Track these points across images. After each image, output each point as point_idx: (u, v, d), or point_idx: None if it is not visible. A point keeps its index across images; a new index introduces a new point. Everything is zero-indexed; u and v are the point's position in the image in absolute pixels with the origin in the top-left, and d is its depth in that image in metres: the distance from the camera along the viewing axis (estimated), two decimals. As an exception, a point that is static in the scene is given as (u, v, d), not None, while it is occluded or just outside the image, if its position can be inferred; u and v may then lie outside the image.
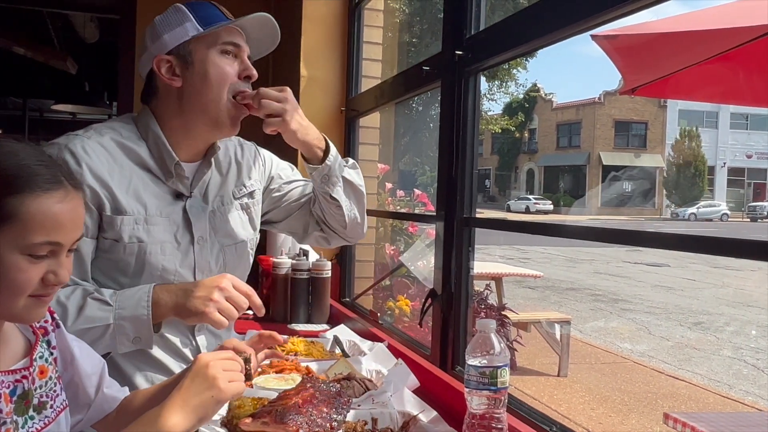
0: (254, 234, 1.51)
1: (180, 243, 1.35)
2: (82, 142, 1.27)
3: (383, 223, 3.37)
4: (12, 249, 0.83)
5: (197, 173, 1.39)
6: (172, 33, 1.31)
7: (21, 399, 0.91)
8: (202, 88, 1.31)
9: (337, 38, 2.74)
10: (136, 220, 1.29)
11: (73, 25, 6.07)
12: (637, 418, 4.78)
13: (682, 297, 10.00)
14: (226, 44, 1.32)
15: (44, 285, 0.87)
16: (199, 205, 1.38)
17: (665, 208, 36.92)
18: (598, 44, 2.76)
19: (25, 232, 0.83)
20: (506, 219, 1.64)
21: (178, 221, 1.35)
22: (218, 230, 1.41)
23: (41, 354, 0.96)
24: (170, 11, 1.34)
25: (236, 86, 1.33)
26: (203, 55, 1.31)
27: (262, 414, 1.01)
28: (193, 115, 1.33)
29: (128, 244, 1.28)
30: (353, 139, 2.69)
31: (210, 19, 1.32)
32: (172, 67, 1.31)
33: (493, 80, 19.47)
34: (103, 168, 1.26)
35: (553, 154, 41.27)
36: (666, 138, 37.97)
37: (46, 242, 0.85)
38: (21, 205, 0.83)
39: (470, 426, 1.04)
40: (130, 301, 1.21)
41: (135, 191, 1.30)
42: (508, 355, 1.06)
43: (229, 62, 1.32)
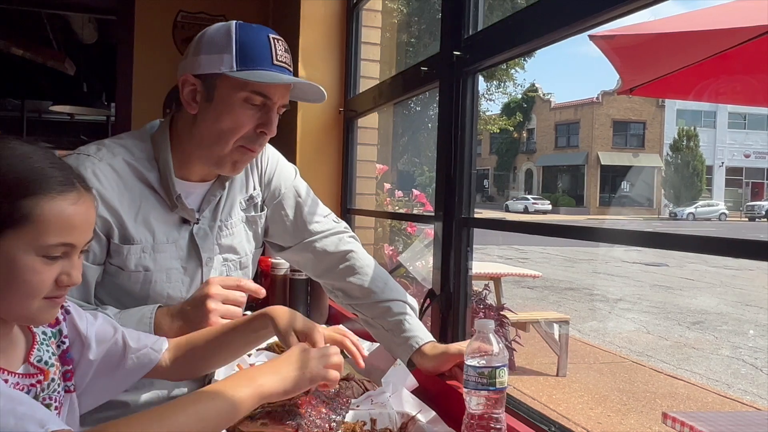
0: (256, 247, 1.48)
1: (186, 268, 1.32)
2: (93, 166, 1.22)
3: (382, 223, 3.38)
4: (27, 250, 0.84)
5: (208, 194, 1.35)
6: (209, 58, 1.23)
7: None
8: (212, 127, 1.24)
9: (335, 39, 2.74)
10: (143, 248, 1.26)
11: (71, 26, 6.07)
12: (636, 417, 4.78)
13: (681, 296, 10.01)
14: (255, 94, 1.22)
15: (58, 286, 0.88)
16: (206, 226, 1.35)
17: (663, 208, 36.97)
18: (596, 44, 2.76)
19: (40, 233, 0.84)
20: (504, 219, 1.64)
21: (185, 247, 1.32)
22: (222, 246, 1.38)
23: (39, 357, 0.96)
24: (221, 31, 1.24)
25: (246, 140, 1.25)
26: (226, 96, 1.22)
27: (260, 415, 1.01)
28: (199, 146, 1.28)
29: (134, 272, 1.26)
30: (351, 140, 2.69)
31: (252, 60, 1.21)
32: (195, 91, 1.25)
33: (491, 80, 19.49)
34: (114, 194, 1.23)
35: (552, 154, 41.32)
36: (664, 138, 38.05)
37: (61, 243, 0.86)
38: (36, 207, 0.84)
39: (469, 426, 1.04)
40: (132, 322, 1.18)
41: (144, 217, 1.27)
42: (506, 356, 1.06)
43: (251, 113, 1.23)
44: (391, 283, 1.47)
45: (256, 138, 1.26)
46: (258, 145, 1.27)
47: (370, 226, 2.89)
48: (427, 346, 1.36)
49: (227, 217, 1.39)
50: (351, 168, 2.70)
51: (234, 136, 1.24)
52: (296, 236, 1.48)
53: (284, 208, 1.47)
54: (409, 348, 1.35)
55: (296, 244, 1.48)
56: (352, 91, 2.69)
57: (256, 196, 1.45)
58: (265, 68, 1.21)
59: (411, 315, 1.42)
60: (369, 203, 2.82)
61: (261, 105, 1.24)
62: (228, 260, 1.39)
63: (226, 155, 1.26)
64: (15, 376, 0.90)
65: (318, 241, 1.46)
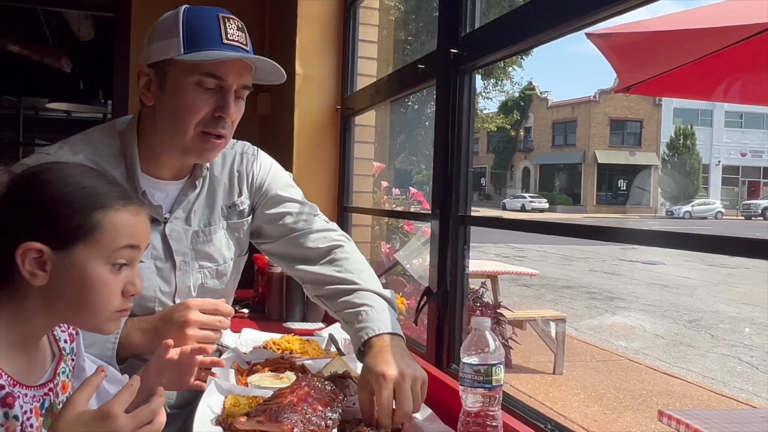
0: (240, 254, 1.44)
1: (160, 269, 1.29)
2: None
3: (379, 221, 3.37)
4: (97, 259, 0.89)
5: (180, 194, 1.32)
6: (159, 45, 1.19)
7: (48, 412, 0.93)
8: (169, 116, 1.21)
9: (332, 36, 2.73)
10: None
11: (67, 23, 6.05)
12: (632, 415, 4.79)
13: (677, 295, 10.03)
14: (207, 76, 1.18)
15: (124, 298, 0.93)
16: (180, 228, 1.32)
17: (660, 206, 37.04)
18: (593, 42, 2.76)
19: (110, 240, 0.89)
20: (502, 217, 1.63)
21: (158, 246, 1.29)
22: (199, 252, 1.34)
23: (63, 369, 0.99)
24: (169, 17, 1.21)
25: (206, 124, 1.21)
26: (177, 82, 1.19)
27: (257, 413, 1.01)
28: (162, 138, 1.25)
29: None
30: (348, 138, 2.69)
31: (200, 41, 1.17)
32: (149, 82, 1.22)
33: (488, 78, 19.48)
34: None
35: (549, 152, 41.36)
36: (661, 136, 38.10)
37: (128, 245, 0.91)
38: (104, 218, 0.89)
39: (465, 424, 1.04)
40: (98, 339, 1.15)
41: None
42: (502, 353, 1.06)
43: (205, 96, 1.19)
44: (366, 276, 1.36)
45: (216, 122, 1.21)
46: (221, 129, 1.22)
47: (367, 224, 2.88)
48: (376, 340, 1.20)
49: (206, 224, 1.35)
50: (348, 166, 2.69)
51: (191, 121, 1.20)
52: (284, 232, 1.43)
53: (275, 207, 1.44)
54: (359, 339, 1.24)
55: (283, 238, 1.43)
56: (350, 88, 2.68)
57: (240, 203, 1.41)
58: (213, 48, 1.17)
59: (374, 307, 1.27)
60: (366, 201, 2.82)
61: (216, 88, 1.20)
62: (204, 267, 1.36)
63: (188, 142, 1.22)
64: (32, 389, 0.91)
65: (306, 236, 1.41)
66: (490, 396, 1.03)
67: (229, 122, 1.24)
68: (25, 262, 0.85)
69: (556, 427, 1.25)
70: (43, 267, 0.86)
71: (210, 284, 1.37)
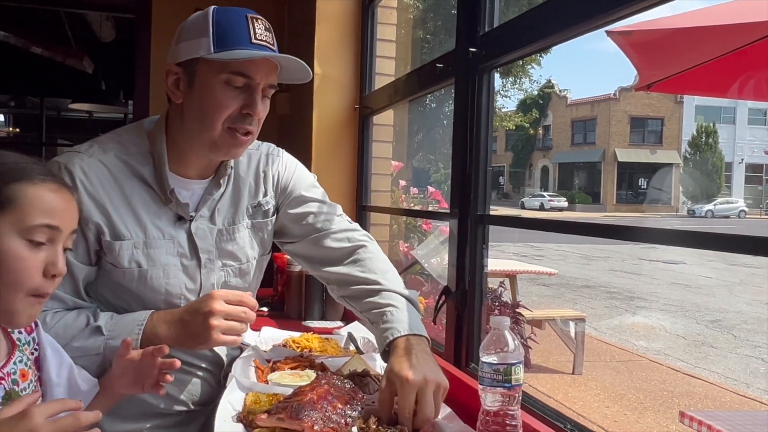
0: (263, 253, 1.46)
1: (186, 266, 1.31)
2: (81, 162, 1.22)
3: (397, 220, 3.37)
4: (12, 233, 0.89)
5: (205, 193, 1.34)
6: (188, 44, 1.22)
7: (6, 399, 0.94)
8: (197, 114, 1.24)
9: (350, 36, 2.74)
10: (135, 244, 1.25)
11: (89, 24, 6.13)
12: (653, 416, 4.75)
13: (699, 294, 9.91)
14: (236, 75, 1.20)
15: (46, 279, 0.91)
16: (205, 227, 1.33)
17: (681, 205, 36.58)
18: (614, 40, 2.74)
19: (24, 214, 0.89)
20: (520, 216, 1.62)
21: (184, 243, 1.30)
22: (222, 251, 1.36)
23: (20, 358, 1.00)
24: (198, 17, 1.23)
25: (233, 121, 1.23)
26: (206, 80, 1.21)
27: (277, 410, 1.02)
28: (190, 136, 1.27)
29: (128, 269, 1.25)
30: (367, 137, 2.70)
31: (229, 40, 1.19)
32: (178, 80, 1.25)
33: (506, 77, 19.37)
34: (102, 189, 1.22)
35: (568, 151, 41.04)
36: (682, 134, 37.62)
37: (45, 225, 0.90)
38: (19, 191, 0.90)
39: (484, 423, 1.05)
40: (123, 331, 1.17)
41: (135, 213, 1.25)
42: (522, 353, 1.06)
43: (233, 94, 1.22)
44: (390, 276, 1.39)
45: (243, 119, 1.23)
46: (248, 126, 1.24)
47: (385, 223, 2.89)
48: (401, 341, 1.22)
49: (230, 223, 1.37)
50: (366, 165, 2.70)
51: (219, 118, 1.22)
52: (307, 231, 1.46)
53: (299, 207, 1.46)
54: (383, 340, 1.25)
55: (306, 238, 1.45)
56: (368, 88, 2.69)
57: (264, 203, 1.43)
58: (242, 47, 1.19)
59: (398, 308, 1.29)
60: (384, 200, 2.83)
61: (244, 86, 1.22)
62: (227, 266, 1.37)
63: (217, 139, 1.24)
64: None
65: (329, 236, 1.44)
66: (510, 395, 1.03)
67: (256, 120, 1.26)
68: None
69: (576, 427, 1.25)
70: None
71: (233, 282, 1.38)
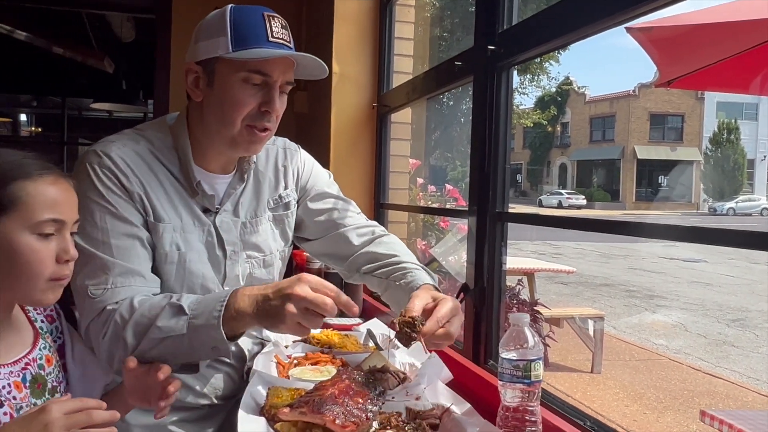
0: (285, 245, 1.48)
1: (211, 257, 1.33)
2: (118, 150, 1.25)
3: (414, 218, 3.38)
4: (21, 230, 0.94)
5: (228, 187, 1.36)
6: (207, 44, 1.24)
7: (33, 383, 1.01)
8: (217, 111, 1.26)
9: (368, 35, 2.75)
10: (174, 227, 1.28)
11: (110, 25, 6.20)
12: (673, 415, 4.71)
13: (720, 293, 9.79)
14: (254, 73, 1.22)
15: (59, 264, 0.97)
16: (229, 219, 1.36)
17: (702, 203, 36.12)
18: (633, 37, 2.72)
19: (31, 211, 0.94)
20: (539, 213, 1.62)
21: (213, 235, 1.33)
22: (246, 243, 1.38)
23: (44, 345, 1.07)
24: (216, 16, 1.26)
25: (252, 118, 1.25)
26: (225, 78, 1.24)
27: (300, 404, 1.03)
28: (209, 132, 1.30)
29: (169, 252, 1.27)
30: (385, 135, 2.71)
31: (247, 39, 1.21)
32: (197, 79, 1.27)
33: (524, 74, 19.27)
34: (140, 174, 1.25)
35: (587, 148, 40.71)
36: (703, 131, 37.12)
37: (50, 219, 0.96)
38: (21, 189, 0.95)
39: (504, 418, 1.05)
40: (206, 309, 1.13)
41: (170, 201, 1.28)
42: (541, 349, 1.06)
43: (251, 92, 1.24)
44: (411, 257, 1.44)
45: (261, 116, 1.26)
46: (266, 123, 1.27)
47: (403, 221, 2.90)
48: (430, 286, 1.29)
49: (252, 216, 1.40)
50: (384, 163, 2.71)
51: (239, 115, 1.24)
52: (328, 229, 1.49)
53: (318, 204, 1.50)
54: (411, 288, 1.29)
55: (326, 236, 1.49)
56: (386, 86, 2.70)
57: (285, 196, 1.46)
58: (260, 46, 1.21)
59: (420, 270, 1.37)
60: (402, 198, 2.84)
61: (262, 84, 1.24)
62: (251, 257, 1.40)
63: (236, 136, 1.26)
64: (6, 366, 0.98)
65: (349, 233, 1.47)
66: (529, 391, 1.04)
67: (274, 116, 1.29)
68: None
69: (596, 424, 1.25)
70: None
71: (257, 274, 1.41)
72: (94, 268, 1.18)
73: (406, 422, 1.11)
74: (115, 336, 1.15)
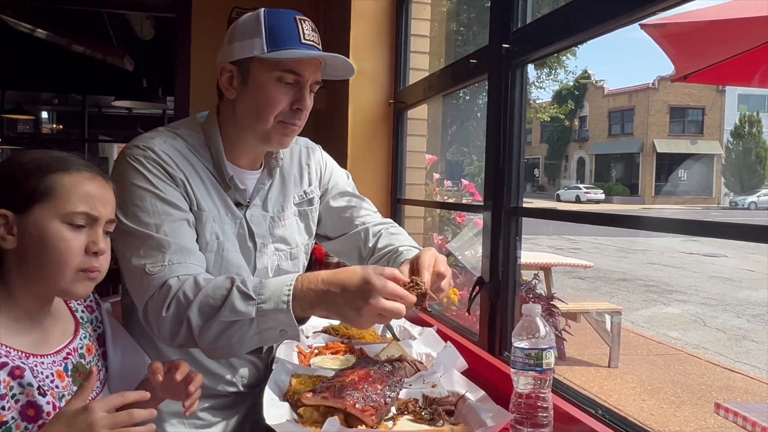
0: (309, 239, 1.55)
1: (242, 249, 1.39)
2: (159, 144, 1.31)
3: (431, 213, 3.41)
4: (54, 219, 0.98)
5: (258, 183, 1.43)
6: (241, 44, 1.31)
7: (75, 372, 1.06)
8: (251, 108, 1.32)
9: (385, 32, 2.79)
10: (214, 218, 1.34)
11: (129, 23, 6.29)
12: (691, 409, 4.71)
13: (740, 288, 9.70)
14: (287, 72, 1.29)
15: (87, 255, 1.01)
16: (259, 213, 1.42)
17: (723, 197, 35.64)
18: (648, 33, 2.73)
19: (63, 202, 0.99)
20: (554, 208, 1.65)
21: (243, 226, 1.40)
22: (274, 236, 1.44)
23: (84, 335, 1.12)
24: (250, 18, 1.32)
25: (284, 116, 1.32)
26: (260, 77, 1.30)
27: (321, 389, 1.09)
28: (242, 129, 1.36)
29: (209, 241, 1.32)
30: (401, 131, 2.74)
31: (281, 41, 1.28)
32: (232, 77, 1.33)
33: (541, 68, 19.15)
34: (181, 165, 1.31)
35: (605, 142, 40.31)
36: (725, 123, 36.58)
37: (83, 212, 1.00)
38: (57, 181, 0.99)
39: (517, 405, 1.09)
40: (273, 293, 1.14)
41: (208, 192, 1.34)
42: (553, 338, 1.10)
43: (284, 90, 1.31)
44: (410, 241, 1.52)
45: (293, 114, 1.33)
46: (297, 119, 1.34)
47: (419, 216, 2.94)
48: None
49: (279, 210, 1.46)
50: (401, 159, 2.75)
51: (272, 112, 1.31)
52: (346, 227, 1.57)
53: (337, 202, 1.57)
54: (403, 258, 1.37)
55: (344, 234, 1.57)
56: (402, 83, 2.74)
57: (309, 192, 1.53)
58: (293, 47, 1.28)
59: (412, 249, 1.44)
60: (418, 193, 2.87)
61: (293, 83, 1.31)
62: (279, 250, 1.46)
63: (269, 131, 1.33)
64: (49, 356, 1.03)
65: (364, 231, 1.55)
66: (541, 379, 1.08)
67: (305, 114, 1.36)
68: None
69: (607, 412, 1.28)
70: (10, 231, 0.98)
71: (284, 266, 1.47)
72: (148, 248, 1.21)
73: (423, 408, 1.15)
74: (178, 313, 1.16)
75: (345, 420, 1.06)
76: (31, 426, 0.94)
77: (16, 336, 0.99)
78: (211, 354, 1.18)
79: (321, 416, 1.07)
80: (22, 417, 0.94)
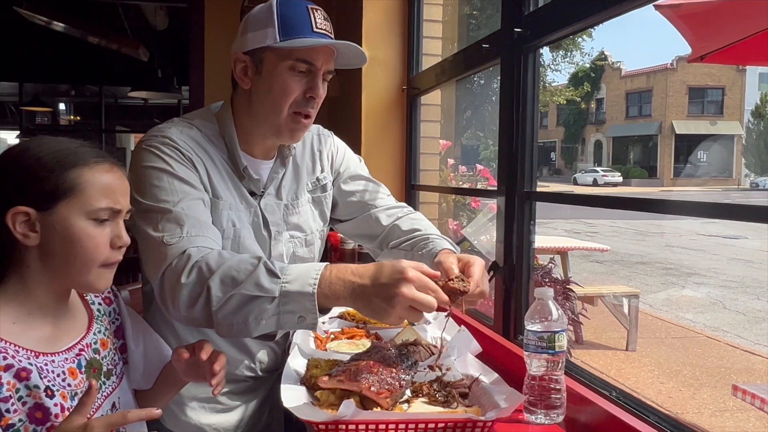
0: (324, 225, 1.57)
1: (258, 237, 1.41)
2: (176, 133, 1.33)
3: (446, 198, 3.42)
4: (79, 216, 0.98)
5: (271, 172, 1.44)
6: (255, 35, 1.32)
7: (89, 368, 1.05)
8: (265, 98, 1.34)
9: (397, 18, 2.78)
10: (230, 205, 1.36)
11: (143, 13, 6.33)
12: (710, 392, 4.69)
13: (761, 270, 9.59)
14: (299, 61, 1.30)
15: (113, 249, 1.02)
16: (273, 202, 1.44)
17: (744, 178, 35.13)
18: (662, 14, 2.69)
19: (87, 198, 0.99)
20: (567, 192, 1.65)
21: (258, 215, 1.42)
22: (289, 223, 1.46)
23: (98, 329, 1.11)
24: (263, 9, 1.33)
25: (298, 105, 1.33)
26: (273, 66, 1.31)
27: (337, 373, 1.11)
28: (257, 119, 1.37)
29: (225, 229, 1.33)
30: (415, 117, 2.75)
31: (293, 30, 1.29)
32: (246, 68, 1.34)
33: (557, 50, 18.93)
34: (198, 154, 1.33)
35: (623, 124, 39.83)
36: (745, 103, 35.96)
37: (107, 207, 1.00)
38: (79, 176, 0.99)
39: (530, 387, 1.11)
40: (299, 276, 1.11)
41: (224, 181, 1.36)
42: (565, 321, 1.11)
43: (297, 79, 1.32)
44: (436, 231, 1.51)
45: (306, 103, 1.34)
46: (310, 109, 1.35)
47: (434, 202, 2.94)
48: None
49: (293, 198, 1.48)
50: (415, 145, 2.76)
51: (286, 102, 1.32)
52: (359, 210, 1.58)
53: (350, 185, 1.58)
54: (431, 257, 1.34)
55: (358, 217, 1.58)
56: (415, 69, 2.73)
57: (322, 178, 1.55)
58: (306, 36, 1.29)
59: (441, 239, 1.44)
60: (433, 179, 2.88)
61: (306, 71, 1.32)
62: (294, 237, 1.48)
63: (282, 123, 1.34)
64: (60, 354, 1.02)
65: (379, 213, 1.56)
66: (554, 361, 1.09)
67: (317, 102, 1.37)
68: (16, 225, 0.96)
69: (621, 394, 1.29)
70: (33, 228, 0.97)
71: (300, 252, 1.49)
72: (166, 222, 1.21)
73: (437, 390, 1.17)
74: (199, 281, 1.13)
75: (360, 402, 1.08)
76: (40, 428, 0.94)
77: (27, 331, 0.98)
78: (225, 331, 1.13)
79: (337, 399, 1.09)
80: (30, 419, 0.93)
